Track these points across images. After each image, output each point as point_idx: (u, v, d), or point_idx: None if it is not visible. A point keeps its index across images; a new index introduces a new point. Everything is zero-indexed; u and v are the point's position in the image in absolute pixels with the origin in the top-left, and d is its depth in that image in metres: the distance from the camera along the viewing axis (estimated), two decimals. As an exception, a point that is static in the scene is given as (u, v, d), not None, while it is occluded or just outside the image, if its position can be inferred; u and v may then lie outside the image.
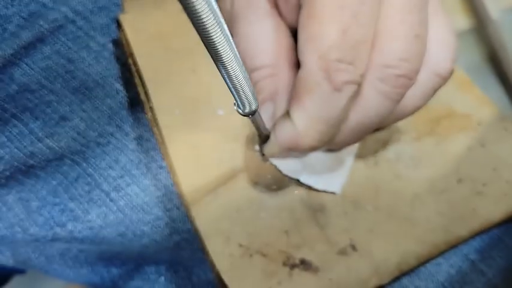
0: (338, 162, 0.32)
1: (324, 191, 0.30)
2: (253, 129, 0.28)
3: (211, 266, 0.28)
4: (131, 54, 0.33)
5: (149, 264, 0.36)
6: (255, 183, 0.30)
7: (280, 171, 0.31)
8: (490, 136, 0.36)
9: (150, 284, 0.36)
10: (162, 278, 0.36)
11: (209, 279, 0.33)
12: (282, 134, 0.26)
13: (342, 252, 0.28)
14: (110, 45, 0.34)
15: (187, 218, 0.32)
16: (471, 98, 0.36)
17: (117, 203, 0.32)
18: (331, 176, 0.31)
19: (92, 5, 0.35)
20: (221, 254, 0.28)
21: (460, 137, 0.35)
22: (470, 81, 0.37)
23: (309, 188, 0.31)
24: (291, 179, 0.31)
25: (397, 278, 0.30)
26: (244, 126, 0.32)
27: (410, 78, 0.24)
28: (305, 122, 0.25)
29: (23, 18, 0.33)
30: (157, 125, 0.31)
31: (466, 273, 0.32)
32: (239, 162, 0.31)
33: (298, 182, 0.31)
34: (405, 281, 0.31)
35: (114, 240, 0.33)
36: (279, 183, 0.31)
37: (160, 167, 0.32)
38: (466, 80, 0.36)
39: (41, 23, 0.33)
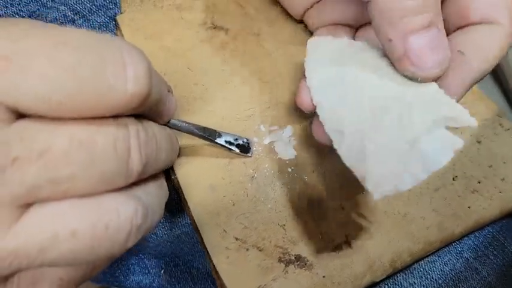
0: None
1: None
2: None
3: (208, 259, 0.28)
4: None
5: (149, 258, 0.36)
6: (252, 177, 0.30)
7: None
8: (486, 132, 0.35)
9: (150, 277, 0.36)
10: (162, 272, 0.35)
11: (209, 272, 0.33)
12: None
13: (337, 249, 0.28)
14: None
15: (185, 213, 0.32)
16: (467, 93, 0.36)
17: None
18: None
19: (90, 4, 0.34)
20: (217, 247, 0.27)
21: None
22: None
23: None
24: None
25: (391, 275, 0.30)
26: (238, 121, 0.32)
27: None
28: None
29: (23, 17, 0.33)
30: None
31: (460, 271, 0.32)
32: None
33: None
34: (400, 278, 0.31)
35: None
36: (278, 175, 0.30)
37: None
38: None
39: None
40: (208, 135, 0.28)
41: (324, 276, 0.27)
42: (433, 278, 0.31)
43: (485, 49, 0.25)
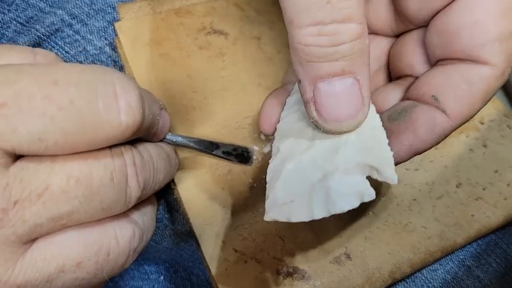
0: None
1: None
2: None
3: (207, 269, 0.28)
4: (127, 63, 0.32)
5: (149, 264, 0.36)
6: (252, 186, 0.30)
7: None
8: (493, 135, 0.34)
9: (150, 283, 0.35)
10: (162, 278, 0.35)
11: (208, 279, 0.33)
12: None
13: (336, 261, 0.28)
14: (107, 49, 0.33)
15: (185, 220, 0.32)
16: None
17: None
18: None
19: (88, 8, 0.34)
20: (216, 258, 0.27)
21: (461, 137, 0.34)
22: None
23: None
24: None
25: (391, 285, 0.29)
26: (238, 129, 0.31)
27: None
28: None
29: (20, 23, 0.33)
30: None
31: (462, 280, 0.31)
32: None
33: None
34: (401, 287, 0.31)
35: None
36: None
37: None
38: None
39: (37, 27, 0.32)
40: (205, 148, 0.28)
41: (321, 289, 0.27)
42: (434, 286, 0.31)
43: (469, 95, 0.22)
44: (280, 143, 0.24)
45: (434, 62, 0.25)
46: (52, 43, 0.32)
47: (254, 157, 0.30)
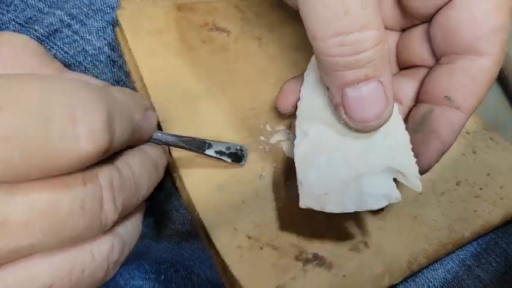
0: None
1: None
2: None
3: (217, 262, 0.25)
4: (129, 50, 0.31)
5: (150, 263, 0.33)
6: (261, 175, 0.28)
7: None
8: (479, 144, 0.35)
9: (151, 282, 0.33)
10: (162, 277, 0.33)
11: (209, 279, 0.30)
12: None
13: (355, 248, 0.26)
14: (106, 49, 0.32)
15: (186, 219, 0.30)
16: None
17: None
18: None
19: (87, 8, 0.33)
20: (228, 246, 0.25)
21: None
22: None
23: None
24: None
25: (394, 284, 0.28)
26: (243, 119, 0.30)
27: None
28: None
29: (19, 24, 0.32)
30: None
31: (462, 279, 0.31)
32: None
33: None
34: (402, 286, 0.30)
35: None
36: (287, 174, 0.28)
37: None
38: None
39: (36, 27, 0.31)
40: (197, 147, 0.26)
41: (344, 276, 0.25)
42: (435, 286, 0.30)
43: (474, 88, 0.25)
44: (309, 128, 0.25)
45: (439, 55, 0.27)
46: (51, 43, 0.31)
47: (247, 157, 0.28)
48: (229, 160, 0.27)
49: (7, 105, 0.14)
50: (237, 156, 0.28)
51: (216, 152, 0.27)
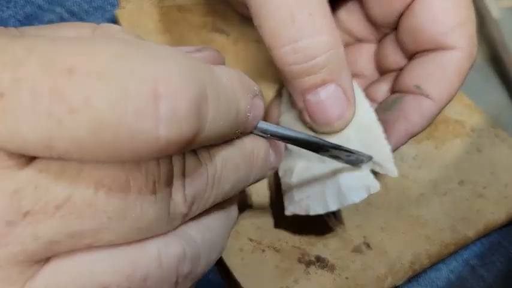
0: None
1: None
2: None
3: (218, 265, 0.25)
4: None
5: None
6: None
7: None
8: (484, 142, 0.35)
9: None
10: None
11: (209, 280, 0.30)
12: None
13: (357, 250, 0.26)
14: None
15: None
16: (461, 105, 0.36)
17: None
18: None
19: (87, 6, 0.33)
20: (230, 248, 0.25)
21: (456, 141, 0.34)
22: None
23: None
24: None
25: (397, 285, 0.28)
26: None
27: None
28: None
29: (19, 20, 0.32)
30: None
31: (466, 279, 0.30)
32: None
33: None
34: (404, 286, 0.29)
35: None
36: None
37: None
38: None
39: (36, 24, 0.31)
40: (312, 149, 0.21)
41: (347, 278, 0.25)
42: (438, 286, 0.30)
43: (444, 79, 0.25)
44: None
45: (410, 56, 0.27)
46: None
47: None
48: (346, 165, 0.23)
49: (78, 68, 0.12)
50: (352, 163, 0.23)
51: (332, 156, 0.22)
